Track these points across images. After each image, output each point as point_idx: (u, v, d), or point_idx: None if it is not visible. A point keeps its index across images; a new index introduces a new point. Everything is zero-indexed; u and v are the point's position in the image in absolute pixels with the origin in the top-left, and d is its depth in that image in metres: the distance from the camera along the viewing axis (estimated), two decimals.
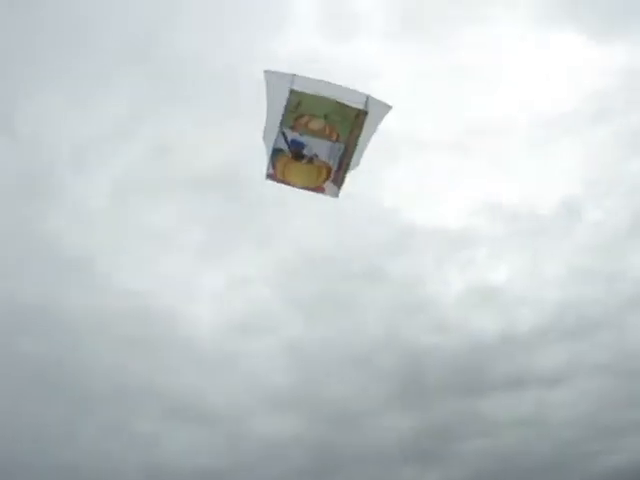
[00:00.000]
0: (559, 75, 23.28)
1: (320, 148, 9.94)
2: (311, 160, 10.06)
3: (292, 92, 9.46)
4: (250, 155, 23.48)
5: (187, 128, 23.94)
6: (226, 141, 23.92)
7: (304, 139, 9.89)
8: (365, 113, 9.54)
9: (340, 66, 22.55)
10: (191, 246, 24.31)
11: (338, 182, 10.21)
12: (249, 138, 23.62)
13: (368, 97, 9.50)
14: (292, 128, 9.80)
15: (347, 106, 9.52)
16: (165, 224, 24.23)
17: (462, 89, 22.68)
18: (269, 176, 10.31)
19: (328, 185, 10.26)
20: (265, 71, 9.49)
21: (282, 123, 9.73)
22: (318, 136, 9.84)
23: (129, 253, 24.46)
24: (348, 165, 10.04)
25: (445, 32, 22.98)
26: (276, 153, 10.01)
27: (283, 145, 9.95)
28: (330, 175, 10.15)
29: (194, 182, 24.08)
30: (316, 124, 9.76)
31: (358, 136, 9.78)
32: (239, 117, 23.52)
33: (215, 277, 24.40)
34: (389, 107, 9.61)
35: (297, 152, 10.01)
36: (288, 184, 10.34)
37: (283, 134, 9.85)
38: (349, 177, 10.17)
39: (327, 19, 22.76)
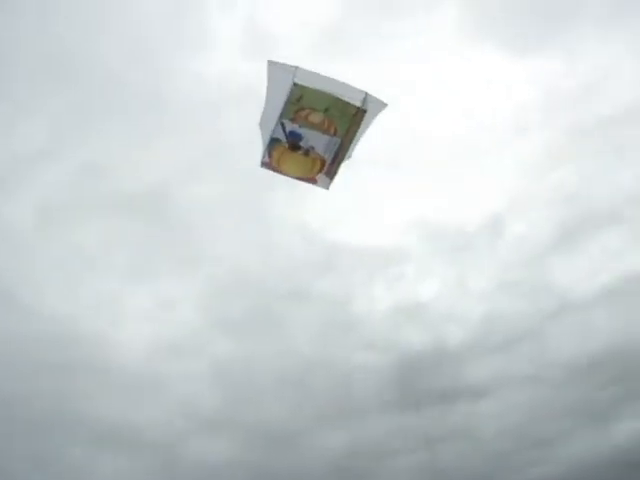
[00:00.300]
0: (481, 91, 23.62)
1: (317, 141, 10.17)
2: (307, 152, 10.29)
3: (295, 85, 9.62)
4: (177, 176, 23.73)
5: (113, 149, 23.64)
6: (152, 162, 23.76)
7: (302, 131, 10.10)
8: (364, 111, 9.86)
9: (263, 86, 22.50)
10: (118, 268, 23.94)
11: (331, 174, 10.50)
12: (176, 159, 23.77)
13: (366, 94, 9.84)
14: (292, 120, 9.98)
15: (347, 103, 9.80)
16: (91, 246, 23.80)
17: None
18: (264, 164, 10.48)
19: (321, 177, 10.54)
20: (268, 61, 9.63)
21: (282, 114, 9.88)
22: (317, 129, 10.06)
23: (55, 276, 23.93)
24: (342, 159, 10.34)
25: (367, 47, 23.08)
26: (273, 142, 10.18)
27: (281, 135, 10.12)
28: (324, 167, 10.41)
29: (120, 204, 23.75)
30: (316, 117, 9.97)
31: (355, 132, 10.09)
32: (165, 138, 23.49)
33: (143, 299, 24.10)
34: (385, 105, 9.99)
35: (294, 143, 10.22)
36: (281, 173, 10.52)
37: (282, 125, 10.01)
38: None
39: (249, 39, 22.67)
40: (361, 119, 9.89)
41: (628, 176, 23.29)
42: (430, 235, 24.06)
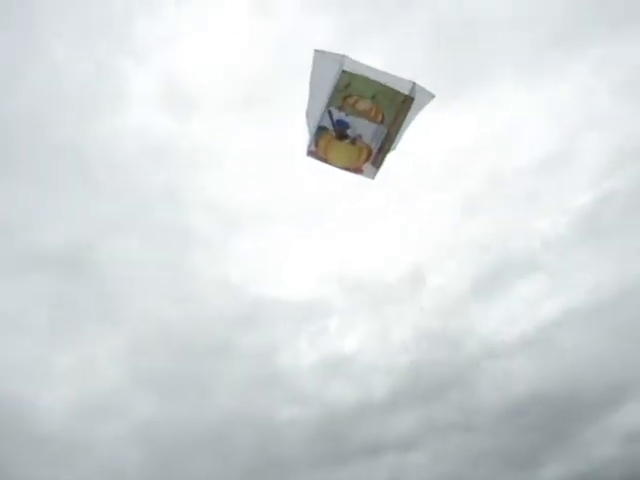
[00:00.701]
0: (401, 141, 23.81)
1: (365, 129, 10.07)
2: (354, 141, 10.18)
3: (344, 73, 9.56)
4: (95, 233, 23.29)
5: (28, 206, 22.99)
6: (70, 219, 23.25)
7: (349, 119, 10.00)
8: (412, 99, 9.82)
9: (182, 143, 22.55)
10: (36, 329, 23.09)
11: (377, 164, 10.38)
12: (94, 215, 23.34)
13: (414, 84, 9.84)
14: (339, 108, 9.90)
15: (395, 91, 9.75)
16: (8, 307, 23.01)
17: (302, 161, 22.87)
18: (310, 153, 10.33)
19: (367, 167, 10.41)
20: (315, 50, 9.54)
21: (330, 102, 9.80)
22: (364, 117, 9.97)
23: None
24: (388, 149, 10.25)
25: (289, 96, 23.17)
26: (320, 131, 10.06)
27: (328, 124, 10.01)
28: (370, 157, 10.30)
29: (37, 262, 22.99)
30: (363, 104, 9.89)
31: (402, 121, 10.01)
32: (83, 194, 23.09)
33: (63, 359, 23.07)
34: (433, 96, 9.98)
35: (341, 132, 10.11)
36: (327, 162, 10.36)
37: (329, 113, 9.91)
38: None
39: (166, 93, 22.60)
40: (408, 108, 9.88)
41: (543, 225, 23.93)
42: (351, 287, 24.30)
